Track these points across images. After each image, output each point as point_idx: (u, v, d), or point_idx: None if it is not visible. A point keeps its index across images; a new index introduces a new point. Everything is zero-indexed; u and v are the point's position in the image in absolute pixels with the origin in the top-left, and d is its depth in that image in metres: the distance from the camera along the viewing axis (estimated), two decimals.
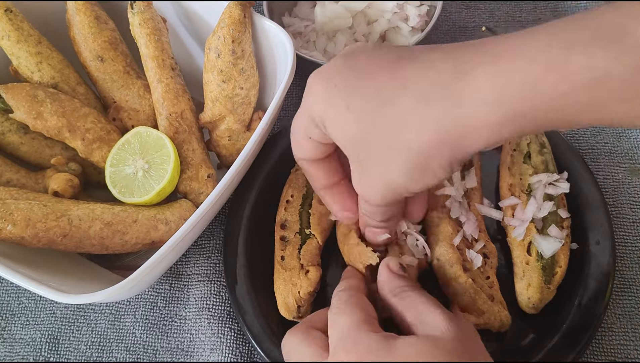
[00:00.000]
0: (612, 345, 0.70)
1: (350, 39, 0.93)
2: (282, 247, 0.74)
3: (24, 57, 0.77)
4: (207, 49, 0.76)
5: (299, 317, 0.70)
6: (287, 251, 0.73)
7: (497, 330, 0.66)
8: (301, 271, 0.71)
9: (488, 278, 0.69)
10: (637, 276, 0.75)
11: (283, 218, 0.76)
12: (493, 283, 0.69)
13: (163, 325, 0.78)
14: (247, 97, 0.78)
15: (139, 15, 0.78)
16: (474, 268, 0.69)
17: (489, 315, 0.65)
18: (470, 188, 0.76)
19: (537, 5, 1.02)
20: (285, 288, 0.70)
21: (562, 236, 0.69)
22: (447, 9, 1.02)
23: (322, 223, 0.75)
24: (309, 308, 0.71)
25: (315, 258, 0.73)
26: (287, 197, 0.77)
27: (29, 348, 0.78)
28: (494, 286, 0.69)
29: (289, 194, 0.78)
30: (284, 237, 0.75)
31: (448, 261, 0.68)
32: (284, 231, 0.75)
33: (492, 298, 0.67)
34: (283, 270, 0.72)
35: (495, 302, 0.66)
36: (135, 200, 0.73)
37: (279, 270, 0.72)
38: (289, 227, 0.75)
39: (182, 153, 0.77)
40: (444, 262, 0.69)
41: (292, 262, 0.72)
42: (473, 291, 0.65)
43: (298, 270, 0.71)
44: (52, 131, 0.74)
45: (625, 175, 0.82)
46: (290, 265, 0.71)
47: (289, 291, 0.70)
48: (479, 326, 0.66)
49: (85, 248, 0.68)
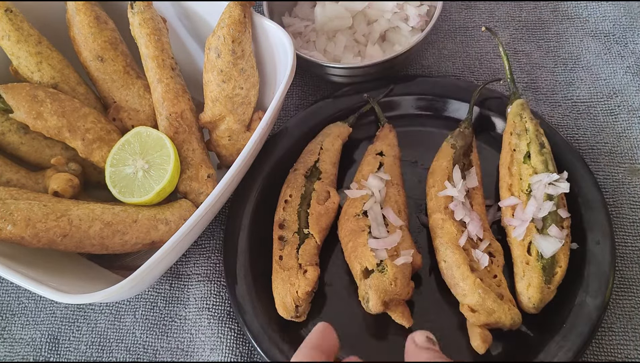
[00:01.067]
0: (612, 345, 0.70)
1: (350, 39, 0.93)
2: (280, 247, 0.74)
3: (24, 57, 0.77)
4: (207, 49, 0.76)
5: (296, 317, 0.70)
6: (285, 250, 0.73)
7: (509, 328, 0.66)
8: (299, 270, 0.71)
9: (495, 276, 0.69)
10: (637, 276, 0.75)
11: (281, 217, 0.76)
12: (501, 282, 0.69)
13: (163, 325, 0.78)
14: (247, 97, 0.78)
15: (139, 15, 0.78)
16: (481, 267, 0.69)
17: (500, 313, 0.65)
18: (471, 188, 0.76)
19: (537, 5, 1.02)
20: (283, 287, 0.70)
21: (562, 236, 0.69)
22: (447, 9, 1.02)
23: (321, 222, 0.75)
24: (307, 308, 0.72)
25: (313, 257, 0.73)
26: (286, 197, 0.78)
27: (29, 348, 0.78)
28: (502, 285, 0.69)
29: (287, 194, 0.78)
30: (282, 237, 0.75)
31: (455, 262, 0.68)
32: (282, 230, 0.75)
33: (501, 296, 0.67)
34: (281, 269, 0.72)
35: (504, 300, 0.66)
36: (135, 200, 0.73)
37: (277, 269, 0.72)
38: (287, 227, 0.75)
39: (182, 153, 0.77)
40: (451, 264, 0.69)
41: (290, 262, 0.72)
42: (482, 291, 0.66)
43: (296, 270, 0.71)
44: (52, 131, 0.74)
45: (625, 175, 0.82)
46: (289, 265, 0.72)
47: (287, 290, 0.70)
48: (490, 325, 0.66)
49: (85, 248, 0.68)
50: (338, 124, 0.85)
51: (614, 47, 0.95)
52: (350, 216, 0.73)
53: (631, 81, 0.90)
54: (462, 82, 0.88)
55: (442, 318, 0.71)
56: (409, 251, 0.70)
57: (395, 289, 0.66)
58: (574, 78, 0.93)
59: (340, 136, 0.84)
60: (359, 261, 0.69)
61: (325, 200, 0.77)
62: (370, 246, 0.69)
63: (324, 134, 0.84)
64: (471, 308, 0.66)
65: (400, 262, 0.68)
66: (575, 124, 0.88)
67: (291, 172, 0.81)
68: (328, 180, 0.79)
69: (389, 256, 0.68)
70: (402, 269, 0.67)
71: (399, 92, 0.87)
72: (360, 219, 0.72)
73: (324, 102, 0.88)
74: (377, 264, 0.68)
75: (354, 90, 0.88)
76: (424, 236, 0.77)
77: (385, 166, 0.79)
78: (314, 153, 0.81)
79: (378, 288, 0.66)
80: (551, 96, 0.91)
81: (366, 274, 0.68)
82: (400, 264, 0.68)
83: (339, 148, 0.83)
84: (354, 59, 0.92)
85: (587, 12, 1.00)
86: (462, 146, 0.79)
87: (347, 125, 0.85)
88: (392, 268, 0.67)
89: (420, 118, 0.87)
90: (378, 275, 0.67)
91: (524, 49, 0.97)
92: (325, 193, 0.77)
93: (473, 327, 0.66)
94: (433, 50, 0.98)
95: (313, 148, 0.82)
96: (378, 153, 0.81)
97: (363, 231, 0.71)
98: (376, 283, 0.66)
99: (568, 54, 0.96)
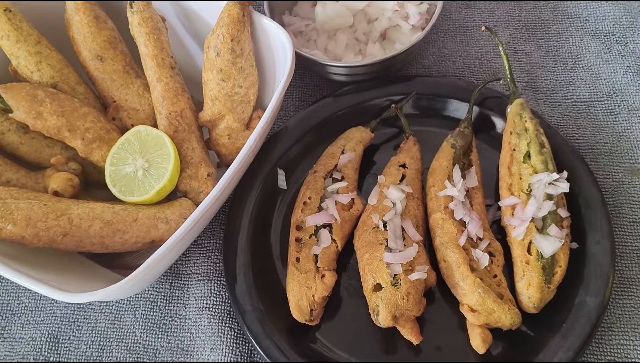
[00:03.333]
0: (612, 345, 0.70)
1: (350, 37, 0.93)
2: (297, 249, 0.74)
3: (24, 57, 0.77)
4: (206, 47, 0.76)
5: (310, 320, 0.70)
6: (302, 253, 0.72)
7: (509, 328, 0.66)
8: (317, 274, 0.70)
9: (495, 276, 0.69)
10: (637, 276, 0.75)
11: (299, 219, 0.76)
12: (501, 281, 0.69)
13: (163, 325, 0.78)
14: (247, 96, 0.78)
15: (138, 15, 0.78)
16: (481, 267, 0.69)
17: (500, 313, 0.65)
18: (471, 188, 0.76)
19: (537, 5, 1.02)
20: (299, 290, 0.70)
21: (562, 236, 0.69)
22: (447, 8, 1.02)
23: (345, 229, 0.75)
24: (320, 312, 0.71)
25: (332, 263, 0.73)
26: (305, 199, 0.77)
27: (29, 348, 0.78)
28: (502, 284, 0.69)
29: (306, 196, 0.77)
30: (299, 239, 0.74)
31: (455, 262, 0.68)
32: (299, 232, 0.75)
33: (501, 296, 0.67)
34: (298, 272, 0.71)
35: (504, 300, 0.66)
36: (136, 199, 0.73)
37: (293, 271, 0.72)
38: (305, 229, 0.75)
39: (181, 151, 0.77)
40: (451, 263, 0.69)
41: (307, 264, 0.71)
42: (482, 290, 0.65)
43: (313, 273, 0.70)
44: (52, 130, 0.74)
45: (625, 175, 0.82)
46: (306, 268, 0.71)
47: (303, 294, 0.69)
48: (490, 325, 0.66)
49: (86, 247, 0.68)
50: (360, 129, 0.84)
51: (614, 47, 0.95)
52: (369, 227, 0.73)
53: (631, 81, 0.90)
54: (462, 82, 0.88)
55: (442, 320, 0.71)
56: (424, 266, 0.69)
57: (407, 304, 0.65)
58: (574, 78, 0.93)
59: (362, 141, 0.83)
60: (372, 275, 0.68)
61: (350, 207, 0.77)
62: (386, 260, 0.68)
63: (346, 138, 0.83)
64: (471, 307, 0.66)
65: (415, 278, 0.67)
66: (575, 123, 0.88)
67: (310, 174, 0.80)
68: (351, 186, 0.79)
69: (403, 271, 0.67)
70: (415, 285, 0.67)
71: (399, 92, 0.87)
72: (379, 232, 0.71)
73: (325, 101, 0.87)
74: (391, 278, 0.67)
75: (354, 89, 0.88)
76: None
77: (407, 178, 0.78)
78: (335, 157, 0.81)
79: (390, 302, 0.65)
80: (551, 96, 0.91)
81: (377, 289, 0.68)
82: (414, 279, 0.67)
83: (360, 153, 0.82)
84: (355, 58, 0.92)
85: (587, 11, 1.00)
86: (462, 146, 0.79)
87: (369, 130, 0.84)
88: (406, 282, 0.66)
89: (420, 118, 0.87)
90: (391, 289, 0.66)
91: (524, 49, 0.97)
92: (350, 200, 0.77)
93: (473, 327, 0.66)
94: (433, 49, 0.98)
95: (334, 151, 0.82)
96: (401, 165, 0.79)
97: (381, 245, 0.70)
98: (388, 296, 0.66)
99: (568, 53, 0.96)
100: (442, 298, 0.72)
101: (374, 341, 0.70)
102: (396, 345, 0.69)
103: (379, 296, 0.66)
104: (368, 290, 0.69)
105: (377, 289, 0.67)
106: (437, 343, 0.69)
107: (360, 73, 0.88)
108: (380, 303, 0.66)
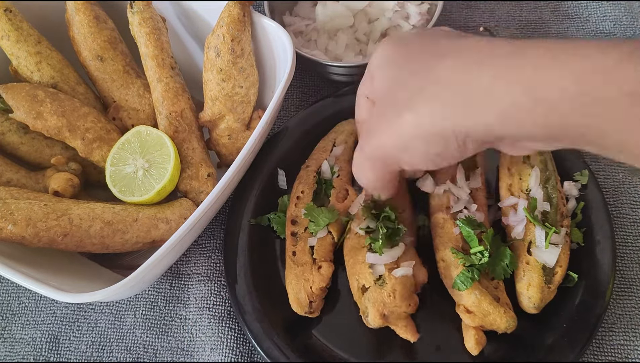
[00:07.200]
0: (612, 345, 0.70)
1: (351, 37, 0.93)
2: (293, 243, 0.74)
3: (24, 57, 0.77)
4: (207, 48, 0.76)
5: (310, 312, 0.70)
6: (298, 246, 0.73)
7: (503, 331, 0.66)
8: (313, 266, 0.70)
9: (493, 279, 0.69)
10: (637, 276, 0.75)
11: (293, 214, 0.76)
12: (498, 284, 0.69)
13: (163, 325, 0.78)
14: (247, 96, 0.78)
15: (139, 15, 0.78)
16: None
17: (495, 316, 0.65)
18: (474, 188, 0.76)
19: (537, 5, 1.01)
20: (297, 283, 0.70)
21: (562, 237, 0.69)
22: (447, 8, 1.02)
23: (340, 220, 0.74)
24: (320, 304, 0.71)
25: (328, 254, 0.72)
26: (298, 193, 0.77)
27: (29, 348, 0.78)
28: (500, 287, 0.69)
29: (299, 191, 0.77)
30: (295, 233, 0.74)
31: (453, 262, 0.68)
32: (294, 226, 0.75)
33: (497, 299, 0.67)
34: (295, 265, 0.71)
35: (501, 303, 0.66)
36: (136, 199, 0.73)
37: (290, 265, 0.72)
38: (299, 223, 0.75)
39: (182, 151, 0.77)
40: (450, 264, 0.69)
41: (304, 257, 0.71)
42: (478, 292, 0.65)
43: (310, 265, 0.71)
44: (52, 130, 0.74)
45: (625, 175, 0.82)
46: (302, 261, 0.71)
47: (301, 286, 0.69)
48: (485, 327, 0.66)
49: (86, 247, 0.68)
50: (351, 122, 0.83)
51: None
52: (352, 233, 0.72)
53: None
54: None
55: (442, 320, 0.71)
56: (410, 262, 0.68)
57: (395, 301, 0.65)
58: None
59: (354, 133, 0.83)
60: (356, 278, 0.68)
61: (344, 198, 0.77)
62: (368, 261, 0.67)
63: (337, 132, 0.83)
64: (467, 309, 0.66)
65: (399, 274, 0.66)
66: None
67: (303, 168, 0.80)
68: (346, 178, 0.79)
69: (387, 270, 0.67)
70: (401, 281, 0.66)
71: None
72: (361, 237, 0.71)
73: (325, 101, 0.87)
74: (376, 279, 0.66)
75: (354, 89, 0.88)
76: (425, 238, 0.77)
77: None
78: (327, 150, 0.81)
79: (376, 300, 0.65)
80: None
81: (364, 291, 0.67)
82: (399, 275, 0.66)
83: (351, 145, 0.82)
84: (356, 58, 0.92)
85: (588, 11, 0.99)
86: None
87: None
88: (391, 279, 0.66)
89: None
90: (376, 288, 0.66)
91: None
92: (344, 191, 0.77)
93: (468, 328, 0.66)
94: None
95: (325, 145, 0.82)
96: None
97: (363, 248, 0.69)
98: (374, 295, 0.65)
99: None
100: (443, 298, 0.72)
101: (375, 341, 0.70)
102: (396, 345, 0.69)
103: (366, 297, 0.66)
104: (356, 294, 0.68)
105: (364, 291, 0.67)
106: (437, 343, 0.69)
107: (360, 73, 0.88)
108: (367, 303, 0.66)
